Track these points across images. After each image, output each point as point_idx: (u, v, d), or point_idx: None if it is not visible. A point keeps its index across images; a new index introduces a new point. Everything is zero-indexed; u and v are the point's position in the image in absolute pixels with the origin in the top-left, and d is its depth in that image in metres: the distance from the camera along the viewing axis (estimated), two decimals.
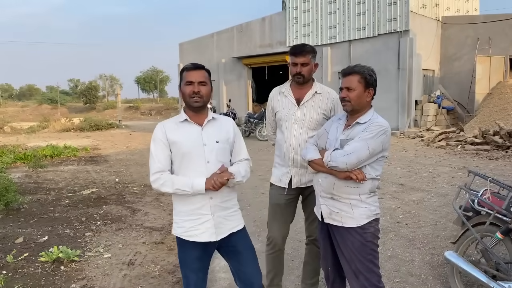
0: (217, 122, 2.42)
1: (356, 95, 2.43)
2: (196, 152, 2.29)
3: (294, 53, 2.90)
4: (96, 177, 8.79)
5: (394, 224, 5.10)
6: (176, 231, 2.37)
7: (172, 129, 2.32)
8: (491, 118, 13.26)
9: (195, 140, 2.31)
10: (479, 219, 3.09)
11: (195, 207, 2.31)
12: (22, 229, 5.22)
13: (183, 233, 2.34)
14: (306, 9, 18.95)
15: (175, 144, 2.29)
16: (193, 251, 2.34)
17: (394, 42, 15.98)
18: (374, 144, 2.34)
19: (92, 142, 15.86)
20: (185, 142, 2.29)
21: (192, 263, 2.35)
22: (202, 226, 2.31)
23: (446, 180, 7.47)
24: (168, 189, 2.26)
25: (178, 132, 2.31)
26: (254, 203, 6.28)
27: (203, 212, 2.32)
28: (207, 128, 2.36)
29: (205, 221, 2.32)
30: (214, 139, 2.35)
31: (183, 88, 2.33)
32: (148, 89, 76.34)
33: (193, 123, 2.34)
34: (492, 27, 16.08)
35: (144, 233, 5.07)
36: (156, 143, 2.31)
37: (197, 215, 2.31)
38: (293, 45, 2.98)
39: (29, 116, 40.08)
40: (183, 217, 2.34)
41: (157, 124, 2.38)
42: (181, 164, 2.31)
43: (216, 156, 2.33)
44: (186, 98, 2.32)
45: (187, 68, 2.36)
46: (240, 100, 21.93)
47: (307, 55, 2.88)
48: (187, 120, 2.34)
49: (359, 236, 2.43)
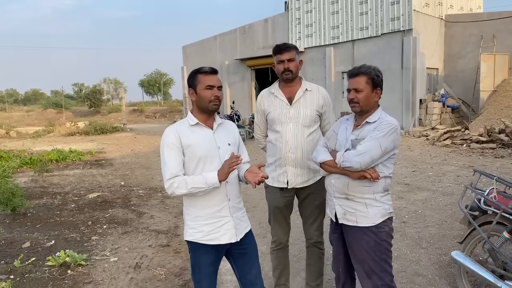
0: (224, 126, 2.45)
1: (365, 96, 2.43)
2: (211, 155, 2.30)
3: (279, 51, 2.94)
4: (102, 181, 8.83)
5: (400, 224, 5.08)
6: (194, 236, 2.33)
7: (185, 133, 2.29)
8: (496, 116, 13.19)
9: (209, 143, 2.31)
10: (486, 218, 3.07)
11: (214, 210, 2.32)
12: (29, 233, 5.25)
13: (202, 238, 2.32)
14: (308, 10, 18.93)
15: (190, 148, 2.27)
16: (208, 256, 2.34)
17: (397, 41, 15.93)
18: (386, 143, 2.35)
19: (97, 146, 15.93)
20: (200, 145, 2.28)
21: (206, 267, 2.35)
22: (222, 228, 2.33)
23: (452, 179, 7.43)
24: (183, 190, 2.22)
25: (192, 136, 2.29)
26: (260, 204, 6.27)
27: (223, 214, 2.33)
28: (218, 131, 2.38)
29: (225, 223, 2.33)
30: (226, 142, 2.37)
31: (202, 91, 2.28)
32: (152, 92, 76.58)
33: (205, 127, 2.34)
34: (496, 25, 15.99)
35: (150, 236, 5.08)
36: (169, 148, 2.26)
37: (217, 218, 2.32)
38: (276, 45, 3.01)
39: (34, 120, 40.33)
40: (201, 222, 2.32)
41: (167, 129, 2.34)
42: (196, 168, 2.29)
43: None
44: (205, 102, 2.28)
45: (205, 72, 2.30)
46: (243, 101, 21.95)
47: (291, 51, 2.93)
48: (198, 123, 2.33)
49: (374, 236, 2.43)
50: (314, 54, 18.81)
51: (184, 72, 25.55)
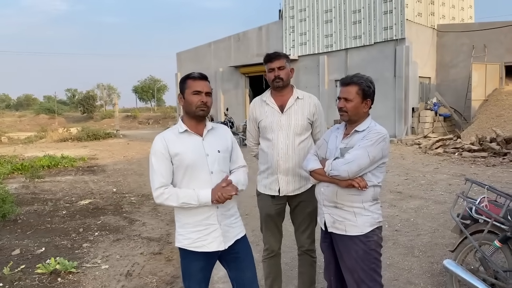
0: (215, 131, 2.42)
1: (353, 106, 2.45)
2: (199, 163, 2.27)
3: (269, 59, 2.97)
4: (94, 187, 8.76)
5: (393, 232, 5.09)
6: (182, 242, 2.33)
7: (173, 140, 2.28)
8: (487, 125, 13.32)
9: (197, 151, 2.29)
10: (477, 227, 3.09)
11: (202, 217, 2.30)
12: (19, 240, 5.19)
13: (189, 245, 2.31)
14: (302, 18, 19.08)
15: (178, 156, 2.25)
16: (198, 262, 2.33)
17: (390, 50, 16.09)
18: (374, 151, 2.36)
19: (89, 152, 15.82)
20: (188, 153, 2.26)
21: (196, 274, 2.34)
22: (210, 236, 2.31)
23: (444, 188, 7.48)
24: (173, 203, 2.22)
25: (180, 144, 2.27)
26: (253, 212, 6.25)
27: (211, 222, 2.31)
28: (207, 138, 2.35)
29: (213, 231, 2.31)
30: (215, 149, 2.34)
31: (189, 97, 2.28)
32: (146, 98, 76.39)
33: (194, 134, 2.32)
34: (487, 35, 16.22)
35: (142, 243, 5.04)
36: (157, 156, 2.25)
37: (204, 225, 2.30)
38: (266, 54, 3.04)
39: (27, 126, 40.03)
40: (189, 229, 2.31)
41: (156, 136, 2.33)
42: (184, 176, 2.27)
43: (218, 166, 2.33)
44: (193, 107, 2.28)
45: (194, 77, 2.31)
46: (237, 108, 21.99)
47: (281, 59, 2.96)
48: (187, 130, 2.32)
49: (362, 245, 2.43)
50: (308, 62, 18.93)
51: (178, 79, 25.54)
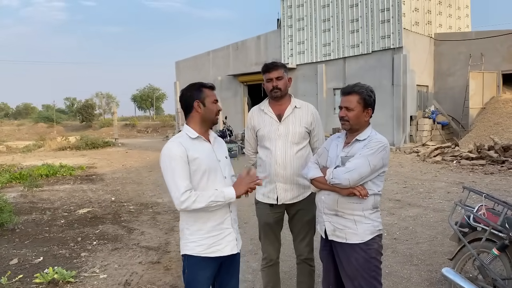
0: (217, 140, 2.51)
1: (355, 115, 2.48)
2: (214, 168, 2.34)
3: (267, 70, 3.01)
4: (92, 196, 8.74)
5: (392, 241, 5.09)
6: (195, 250, 2.31)
7: (190, 146, 2.29)
8: (485, 133, 13.36)
9: (210, 157, 2.35)
10: (475, 235, 3.10)
11: (217, 222, 2.33)
12: (17, 250, 5.17)
13: (203, 251, 2.30)
14: (300, 27, 19.21)
15: (196, 161, 2.26)
16: (208, 270, 2.34)
17: (388, 58, 16.18)
18: (375, 160, 2.38)
19: (88, 161, 15.80)
20: (204, 159, 2.30)
21: (203, 283, 2.34)
22: (224, 240, 2.35)
23: (442, 196, 7.49)
24: (201, 204, 2.20)
25: (196, 149, 2.30)
26: (251, 221, 6.24)
27: (225, 226, 2.36)
28: (215, 145, 2.44)
29: (227, 235, 2.36)
30: (223, 155, 2.45)
31: (211, 105, 2.38)
32: (145, 106, 76.49)
33: (205, 140, 2.39)
34: (484, 44, 16.34)
35: (140, 252, 5.03)
36: (177, 161, 2.22)
37: (219, 230, 2.33)
38: (264, 64, 3.06)
39: (25, 135, 39.99)
40: (203, 235, 2.31)
41: (170, 143, 2.29)
42: (200, 181, 2.28)
43: (228, 172, 2.43)
44: (213, 114, 2.39)
45: (210, 87, 2.42)
46: (236, 117, 22.02)
47: (279, 69, 2.99)
48: (199, 137, 2.36)
49: (363, 253, 2.44)
50: (306, 70, 19.01)
51: (176, 88, 25.64)
